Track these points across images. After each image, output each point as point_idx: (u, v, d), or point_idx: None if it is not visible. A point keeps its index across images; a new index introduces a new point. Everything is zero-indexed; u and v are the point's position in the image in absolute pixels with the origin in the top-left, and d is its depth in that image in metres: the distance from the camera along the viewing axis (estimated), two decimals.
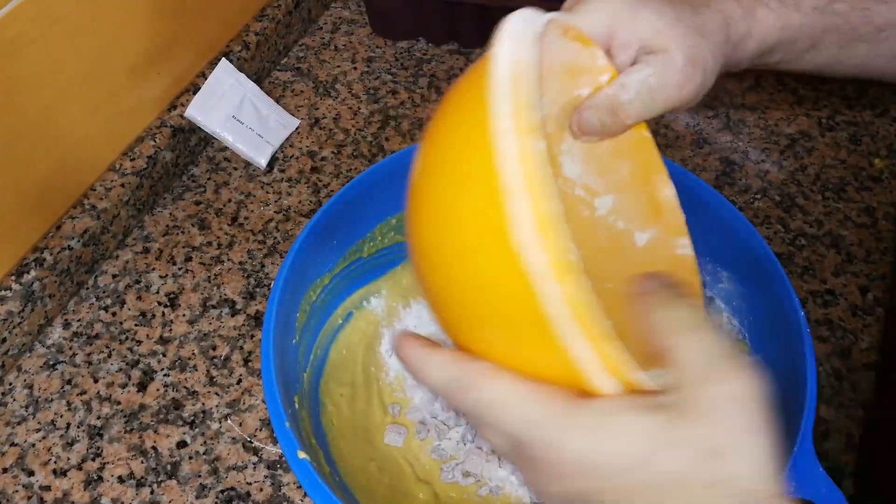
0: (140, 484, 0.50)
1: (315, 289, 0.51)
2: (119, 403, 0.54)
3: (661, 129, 0.73)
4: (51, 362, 0.56)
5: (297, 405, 0.45)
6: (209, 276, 0.62)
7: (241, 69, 0.72)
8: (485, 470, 0.50)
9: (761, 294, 0.48)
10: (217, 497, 0.50)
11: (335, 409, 0.51)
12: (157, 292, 0.61)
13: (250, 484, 0.50)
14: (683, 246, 0.41)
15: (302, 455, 0.39)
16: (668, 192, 0.41)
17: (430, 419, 0.52)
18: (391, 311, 0.57)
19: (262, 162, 0.69)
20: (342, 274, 0.53)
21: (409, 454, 0.51)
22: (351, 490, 0.46)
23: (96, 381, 0.55)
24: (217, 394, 0.55)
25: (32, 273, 0.56)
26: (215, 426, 0.53)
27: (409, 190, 0.31)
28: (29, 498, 0.50)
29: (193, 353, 0.57)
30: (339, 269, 0.53)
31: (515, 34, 0.28)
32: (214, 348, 0.57)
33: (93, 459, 0.51)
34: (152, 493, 0.50)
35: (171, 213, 0.66)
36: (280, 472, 0.51)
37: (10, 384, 0.55)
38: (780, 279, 0.45)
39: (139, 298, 0.60)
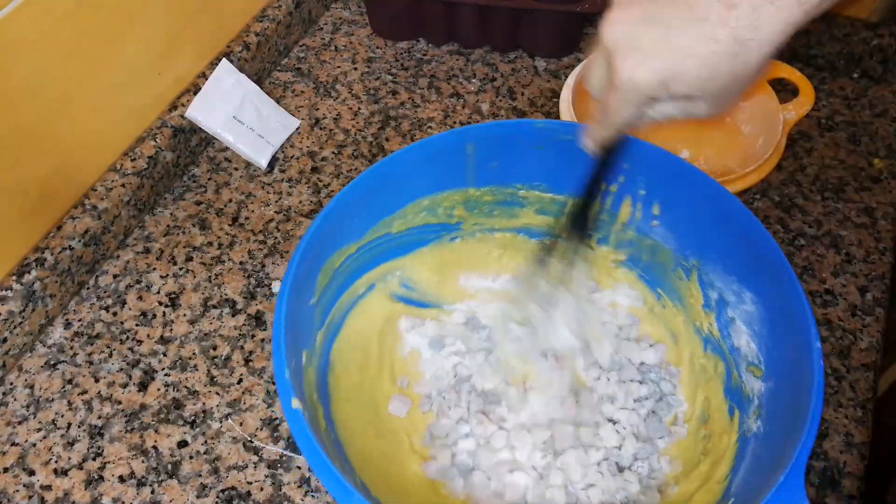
0: (141, 483, 0.50)
1: (340, 256, 0.51)
2: (120, 403, 0.54)
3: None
4: (52, 362, 0.56)
5: (304, 359, 0.46)
6: (210, 276, 0.62)
7: (241, 69, 0.72)
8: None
9: (781, 321, 0.46)
10: (218, 496, 0.50)
11: (344, 371, 0.51)
12: (158, 292, 0.61)
13: (251, 483, 0.50)
14: None
15: (296, 404, 0.40)
16: None
17: (435, 395, 0.53)
18: None
19: (263, 162, 0.69)
20: (368, 246, 0.54)
21: (410, 425, 0.52)
22: (344, 448, 0.46)
23: (97, 380, 0.55)
24: (218, 393, 0.55)
25: (33, 273, 0.56)
26: (216, 426, 0.53)
27: None
28: (30, 497, 0.50)
29: (194, 353, 0.57)
30: (366, 242, 0.53)
31: None
32: (215, 348, 0.57)
33: (93, 459, 0.52)
34: (153, 492, 0.50)
35: (171, 214, 0.66)
36: (280, 471, 0.51)
37: (11, 384, 0.55)
38: (800, 301, 0.44)
39: (140, 298, 0.60)
